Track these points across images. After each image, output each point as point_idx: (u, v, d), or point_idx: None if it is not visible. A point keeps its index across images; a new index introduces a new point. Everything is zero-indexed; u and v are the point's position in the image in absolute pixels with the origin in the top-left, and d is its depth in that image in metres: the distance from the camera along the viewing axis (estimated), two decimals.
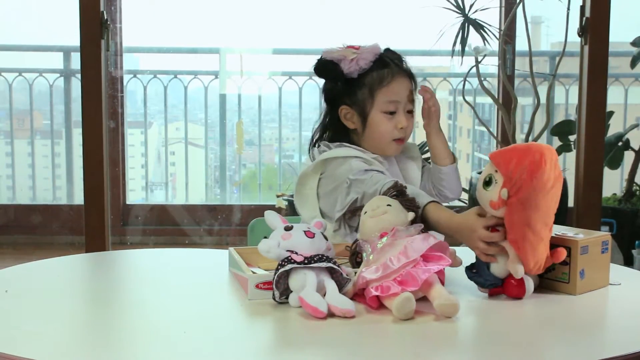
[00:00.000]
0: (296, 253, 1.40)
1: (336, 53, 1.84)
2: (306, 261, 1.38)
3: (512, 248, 1.43)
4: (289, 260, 1.39)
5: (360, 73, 1.83)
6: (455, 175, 1.94)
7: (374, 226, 1.46)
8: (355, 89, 1.85)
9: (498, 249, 1.44)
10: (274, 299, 1.39)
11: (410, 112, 1.88)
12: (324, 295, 1.36)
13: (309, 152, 1.93)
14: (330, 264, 1.39)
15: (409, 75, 1.88)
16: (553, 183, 1.39)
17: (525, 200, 1.39)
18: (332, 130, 1.92)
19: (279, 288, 1.39)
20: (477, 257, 1.49)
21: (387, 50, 1.90)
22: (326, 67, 1.85)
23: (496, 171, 1.43)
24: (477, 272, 1.48)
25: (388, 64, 1.86)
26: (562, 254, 1.45)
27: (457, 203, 3.75)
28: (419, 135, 4.80)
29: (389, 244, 1.40)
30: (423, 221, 1.53)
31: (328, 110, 1.93)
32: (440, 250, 1.41)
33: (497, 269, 1.46)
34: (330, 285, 1.38)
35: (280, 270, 1.38)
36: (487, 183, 1.43)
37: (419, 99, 1.93)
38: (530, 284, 1.46)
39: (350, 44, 1.86)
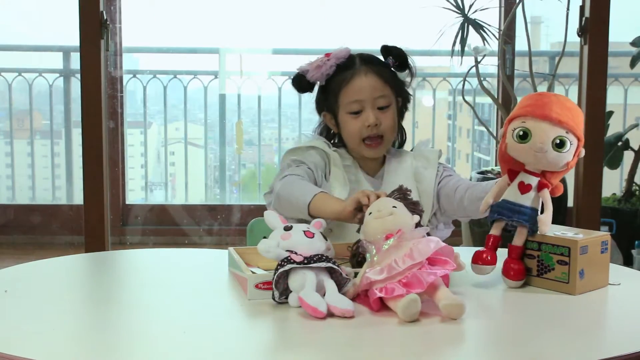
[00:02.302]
0: (295, 253, 1.40)
1: (307, 64, 1.86)
2: (305, 261, 1.38)
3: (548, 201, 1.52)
4: (288, 260, 1.39)
5: (327, 79, 1.85)
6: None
7: (379, 227, 1.45)
8: (327, 95, 1.88)
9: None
10: (273, 299, 1.39)
11: (384, 108, 1.84)
12: (324, 295, 1.36)
13: None
14: (329, 264, 1.39)
15: (378, 72, 1.84)
16: None
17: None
18: (322, 133, 1.96)
19: (279, 288, 1.39)
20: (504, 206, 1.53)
21: (386, 47, 1.87)
22: (295, 80, 1.89)
23: (567, 132, 1.48)
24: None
25: (353, 64, 1.84)
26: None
27: None
28: (417, 135, 4.81)
29: (394, 246, 1.40)
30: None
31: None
32: (445, 255, 1.41)
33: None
34: (330, 285, 1.38)
35: (279, 271, 1.38)
36: (560, 145, 1.48)
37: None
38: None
39: (328, 52, 1.87)
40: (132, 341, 1.28)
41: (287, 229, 1.46)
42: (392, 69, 1.88)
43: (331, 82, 1.86)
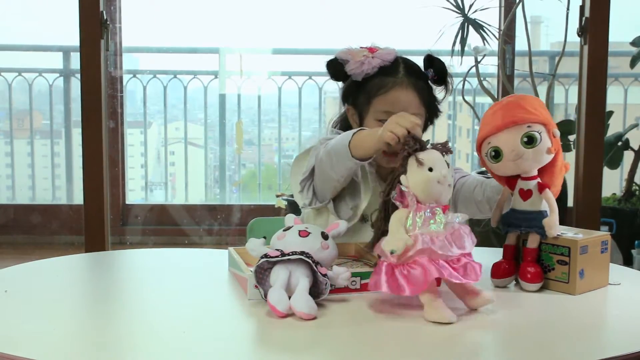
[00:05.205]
0: (281, 251, 1.40)
1: (348, 53, 1.80)
2: (280, 257, 1.38)
3: (551, 201, 1.50)
4: (265, 256, 1.39)
5: (365, 77, 1.79)
6: None
7: (439, 195, 1.37)
8: (359, 92, 1.82)
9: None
10: (262, 297, 1.39)
11: None
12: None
13: None
14: (301, 257, 1.38)
15: (417, 88, 1.79)
16: None
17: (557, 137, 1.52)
18: (342, 125, 1.91)
19: (265, 286, 1.39)
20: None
21: (430, 56, 1.81)
22: (331, 65, 1.82)
23: (528, 127, 1.48)
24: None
25: (396, 72, 1.79)
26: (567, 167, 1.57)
27: None
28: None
29: (429, 219, 1.34)
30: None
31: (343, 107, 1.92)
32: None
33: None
34: (301, 284, 1.37)
35: (254, 268, 1.38)
36: (530, 141, 1.48)
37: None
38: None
39: (372, 46, 1.81)
40: (132, 341, 1.28)
41: (286, 229, 1.46)
42: (429, 81, 1.82)
43: (368, 82, 1.80)
